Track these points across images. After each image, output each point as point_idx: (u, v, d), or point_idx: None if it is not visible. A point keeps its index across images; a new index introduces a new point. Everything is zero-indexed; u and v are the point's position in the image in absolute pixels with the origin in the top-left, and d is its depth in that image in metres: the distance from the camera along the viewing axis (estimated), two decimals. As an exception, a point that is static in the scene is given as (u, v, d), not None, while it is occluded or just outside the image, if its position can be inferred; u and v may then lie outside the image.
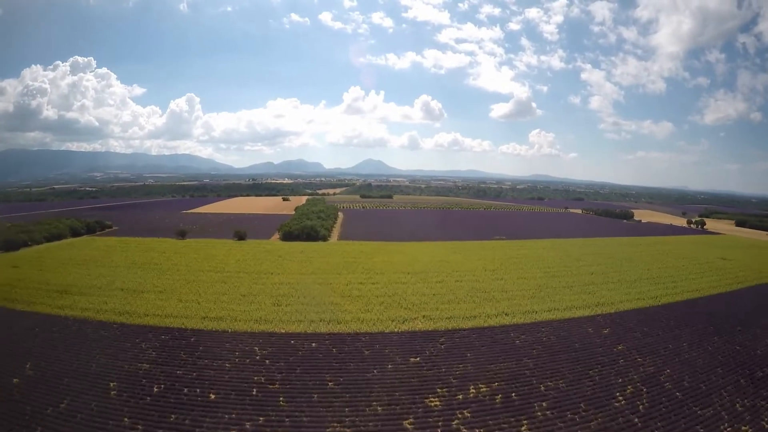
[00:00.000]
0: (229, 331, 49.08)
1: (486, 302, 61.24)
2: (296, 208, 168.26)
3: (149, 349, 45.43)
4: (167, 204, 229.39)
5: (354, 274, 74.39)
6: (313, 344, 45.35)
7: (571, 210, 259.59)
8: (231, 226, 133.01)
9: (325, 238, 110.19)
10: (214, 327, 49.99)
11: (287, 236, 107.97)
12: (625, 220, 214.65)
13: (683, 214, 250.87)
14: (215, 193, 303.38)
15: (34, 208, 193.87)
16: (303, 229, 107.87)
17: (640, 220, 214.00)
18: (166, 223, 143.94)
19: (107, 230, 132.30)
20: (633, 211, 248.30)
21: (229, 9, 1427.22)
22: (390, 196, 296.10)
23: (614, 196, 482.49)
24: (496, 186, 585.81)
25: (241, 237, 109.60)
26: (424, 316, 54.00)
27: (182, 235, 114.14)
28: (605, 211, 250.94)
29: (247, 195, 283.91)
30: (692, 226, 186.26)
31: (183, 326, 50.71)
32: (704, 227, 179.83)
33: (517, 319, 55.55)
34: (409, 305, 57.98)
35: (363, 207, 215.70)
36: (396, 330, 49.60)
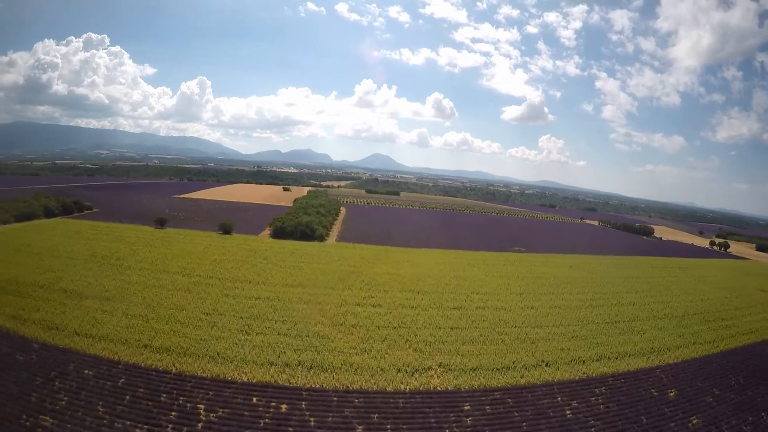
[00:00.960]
0: (172, 372, 35.62)
1: (519, 343, 47.49)
2: (295, 200, 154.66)
3: (61, 392, 32.48)
4: (163, 186, 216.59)
5: (351, 290, 60.74)
6: (283, 407, 31.79)
7: (587, 221, 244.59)
8: (220, 216, 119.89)
9: (322, 238, 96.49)
10: (152, 363, 36.64)
11: (279, 233, 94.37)
12: (644, 237, 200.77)
13: (700, 233, 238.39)
14: (216, 177, 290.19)
15: (25, 183, 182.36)
16: (297, 226, 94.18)
17: (661, 238, 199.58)
18: (152, 208, 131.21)
19: (86, 212, 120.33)
20: (652, 227, 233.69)
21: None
22: (397, 193, 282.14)
23: (624, 208, 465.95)
24: (504, 189, 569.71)
25: (226, 230, 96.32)
26: (440, 365, 40.25)
27: (161, 223, 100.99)
28: (624, 225, 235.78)
29: (248, 182, 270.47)
30: (715, 248, 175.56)
31: (114, 358, 37.53)
32: (728, 250, 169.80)
33: (563, 373, 41.94)
34: (420, 344, 44.25)
35: (368, 203, 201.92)
36: (403, 388, 35.84)
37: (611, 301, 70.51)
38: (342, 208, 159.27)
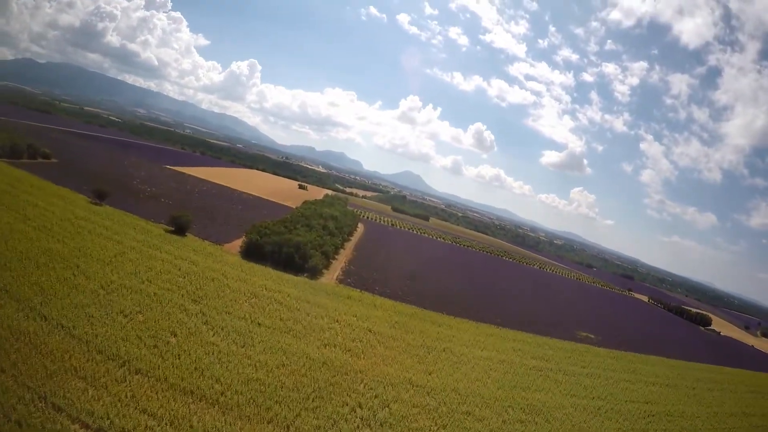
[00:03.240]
0: None
1: None
2: (305, 203, 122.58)
3: None
4: (165, 153, 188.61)
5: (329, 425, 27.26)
6: None
7: (635, 294, 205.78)
8: (199, 202, 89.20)
9: (315, 272, 63.37)
10: None
11: (252, 250, 61.73)
12: (701, 327, 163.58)
13: (746, 328, 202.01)
14: (233, 158, 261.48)
15: (23, 117, 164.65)
16: (282, 245, 61.27)
17: (719, 333, 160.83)
18: (123, 173, 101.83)
19: (39, 160, 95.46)
20: (709, 315, 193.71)
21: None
22: (426, 218, 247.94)
23: (653, 279, 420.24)
24: (533, 235, 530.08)
25: (181, 227, 64.44)
26: None
27: (100, 197, 70.34)
28: (677, 309, 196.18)
29: (264, 170, 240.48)
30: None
31: None
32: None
33: None
34: None
35: (392, 224, 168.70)
36: None
37: None
38: (360, 225, 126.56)
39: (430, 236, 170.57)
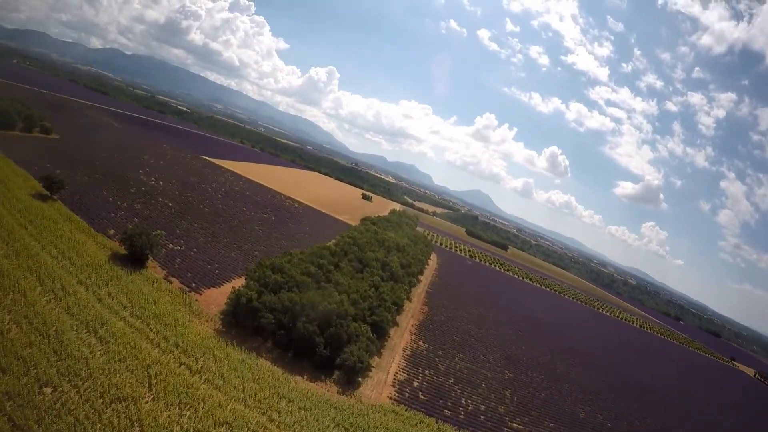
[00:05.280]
0: None
1: None
2: (363, 219, 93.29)
3: None
4: (212, 144, 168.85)
5: None
6: None
7: (737, 364, 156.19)
8: (207, 209, 62.51)
9: (355, 371, 31.98)
10: None
11: (241, 317, 31.90)
12: None
13: None
14: (293, 157, 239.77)
15: (77, 95, 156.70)
16: (295, 316, 30.89)
17: None
18: (131, 158, 78.32)
19: (33, 134, 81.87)
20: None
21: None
22: (504, 247, 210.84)
23: (727, 332, 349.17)
24: (606, 271, 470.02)
25: (137, 253, 36.75)
26: None
27: (51, 188, 45.17)
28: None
29: (325, 174, 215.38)
30: None
31: None
32: None
33: None
34: None
35: (469, 255, 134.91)
36: None
37: None
38: (432, 256, 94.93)
39: (516, 275, 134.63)
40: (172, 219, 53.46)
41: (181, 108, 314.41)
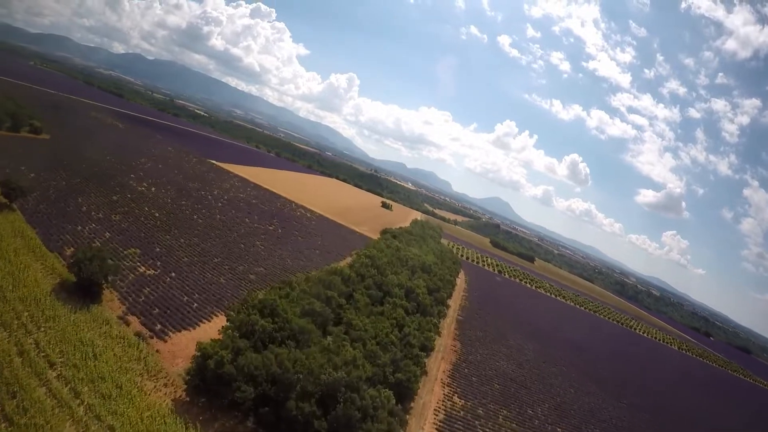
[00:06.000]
0: None
1: None
2: (384, 232, 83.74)
3: None
4: (224, 147, 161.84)
5: None
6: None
7: None
8: (201, 220, 53.78)
9: None
10: None
11: (211, 382, 22.17)
12: None
13: None
14: (310, 163, 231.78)
15: (91, 96, 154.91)
16: (281, 390, 21.18)
17: None
18: (124, 161, 70.33)
19: (20, 133, 74.96)
20: None
21: (411, 1, 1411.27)
22: (531, 259, 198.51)
23: (754, 346, 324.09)
24: (630, 282, 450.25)
25: (87, 284, 27.59)
26: None
27: (9, 195, 36.93)
28: None
29: (343, 180, 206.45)
30: None
31: None
32: None
33: None
34: None
35: (498, 270, 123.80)
36: None
37: None
38: (460, 274, 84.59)
39: (547, 292, 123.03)
40: (154, 233, 44.76)
41: (198, 112, 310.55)
